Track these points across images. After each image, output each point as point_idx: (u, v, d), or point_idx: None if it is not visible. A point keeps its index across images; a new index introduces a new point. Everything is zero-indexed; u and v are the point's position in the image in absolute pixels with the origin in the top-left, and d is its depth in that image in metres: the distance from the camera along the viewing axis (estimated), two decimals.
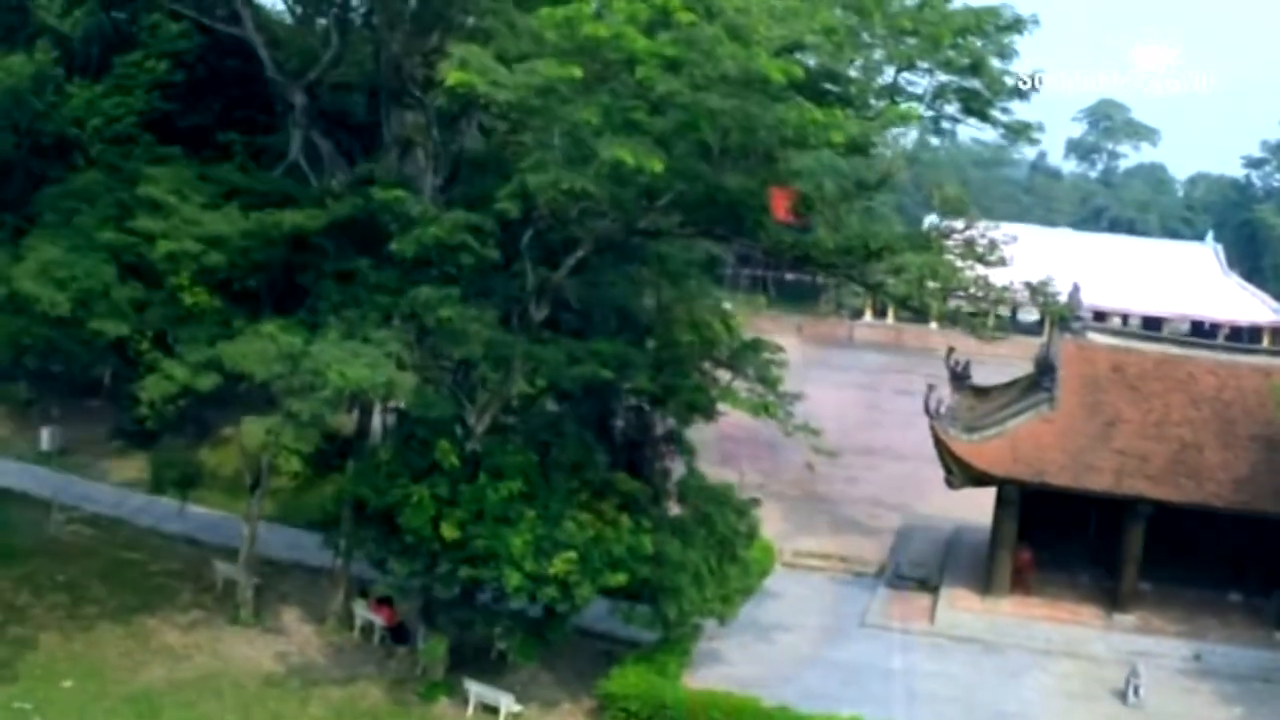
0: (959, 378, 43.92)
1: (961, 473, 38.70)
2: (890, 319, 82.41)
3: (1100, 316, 74.06)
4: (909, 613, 38.97)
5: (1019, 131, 33.29)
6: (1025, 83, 31.59)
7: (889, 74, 30.57)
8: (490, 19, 28.67)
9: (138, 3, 42.79)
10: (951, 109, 32.15)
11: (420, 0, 31.85)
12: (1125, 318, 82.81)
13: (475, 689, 32.62)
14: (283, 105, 40.27)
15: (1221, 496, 37.83)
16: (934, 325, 63.70)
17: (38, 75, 42.36)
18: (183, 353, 32.48)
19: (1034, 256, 46.91)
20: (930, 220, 43.11)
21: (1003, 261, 37.60)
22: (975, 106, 31.92)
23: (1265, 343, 77.72)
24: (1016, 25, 31.53)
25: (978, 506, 41.85)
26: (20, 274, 31.69)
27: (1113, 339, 42.39)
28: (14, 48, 42.50)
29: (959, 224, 37.24)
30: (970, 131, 40.98)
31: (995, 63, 31.59)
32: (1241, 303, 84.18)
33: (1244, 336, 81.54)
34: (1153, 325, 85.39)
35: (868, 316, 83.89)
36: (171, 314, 33.55)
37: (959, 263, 36.26)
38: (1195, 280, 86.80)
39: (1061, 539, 40.65)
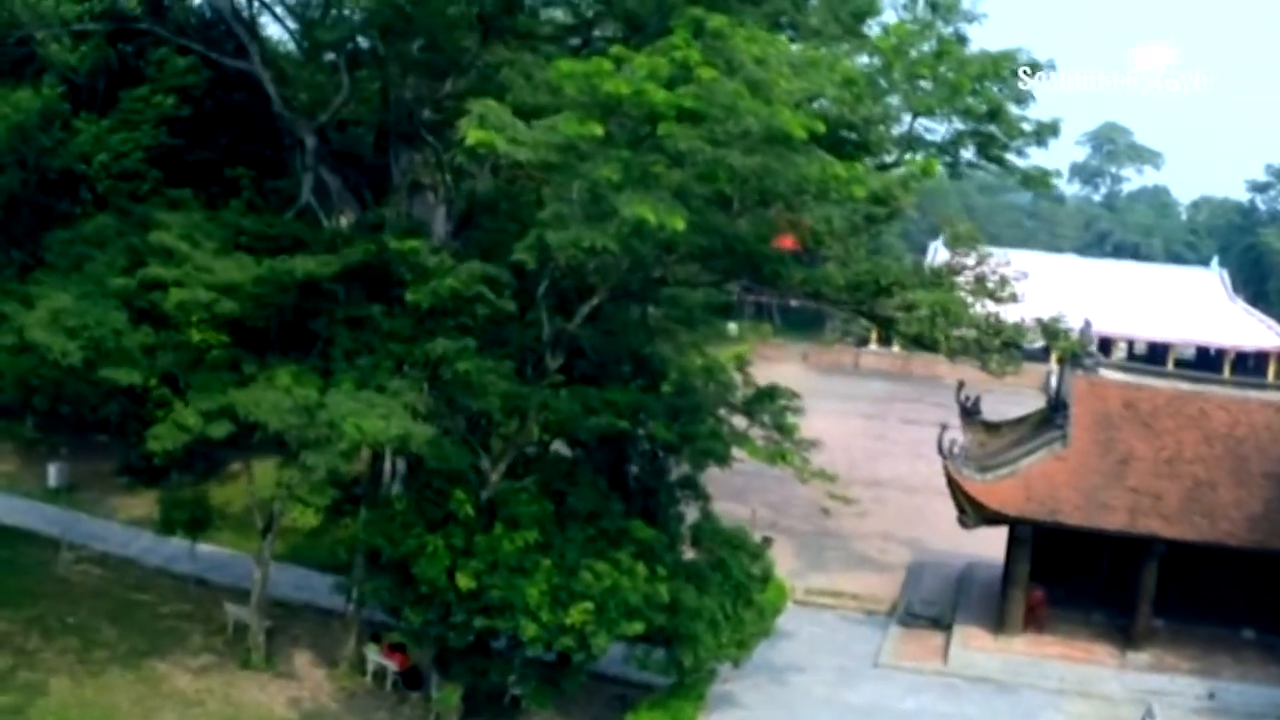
0: (969, 413, 43.78)
1: (975, 512, 38.53)
2: (896, 347, 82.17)
3: (1106, 343, 74.06)
4: (922, 652, 38.80)
5: (1037, 180, 33.19)
6: (1044, 130, 31.49)
7: (906, 120, 30.42)
8: (506, 70, 28.45)
9: (144, 37, 42.69)
10: (968, 154, 31.99)
11: (432, 47, 31.55)
12: (1131, 344, 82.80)
13: None
14: (290, 139, 40.22)
15: (1235, 535, 37.73)
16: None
17: (45, 110, 42.45)
18: (194, 399, 32.34)
19: (1040, 284, 46.86)
20: (937, 245, 43.04)
21: (1014, 298, 37.50)
22: (993, 153, 31.78)
23: (1271, 368, 77.95)
24: (1032, 69, 31.45)
25: (988, 541, 41.66)
26: (31, 322, 31.44)
27: (1124, 375, 42.23)
28: (21, 82, 42.53)
29: (970, 260, 37.17)
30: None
31: (1013, 108, 31.49)
32: (1247, 328, 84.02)
33: (1249, 362, 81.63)
34: (1158, 351, 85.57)
35: (873, 344, 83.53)
36: (182, 358, 33.42)
37: (970, 299, 36.26)
38: (1201, 306, 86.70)
39: (1074, 576, 40.54)
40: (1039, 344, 41.02)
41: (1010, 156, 32.73)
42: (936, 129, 31.13)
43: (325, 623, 38.15)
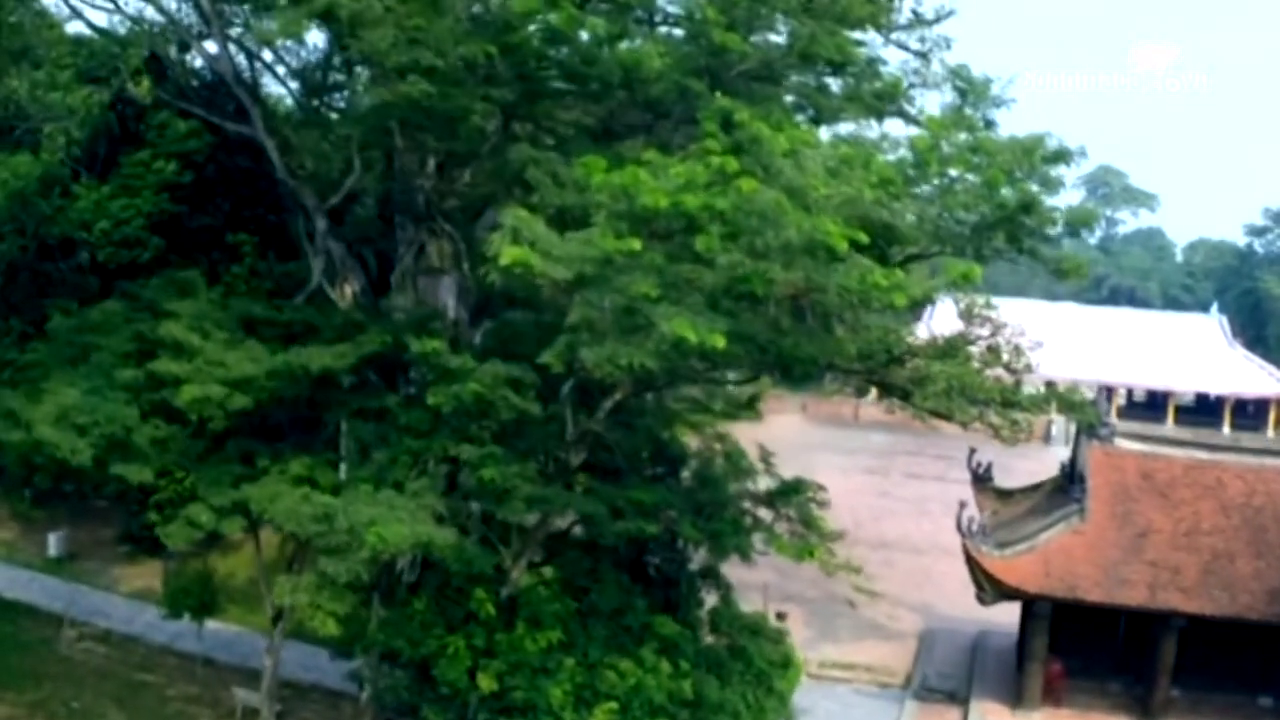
0: (981, 480, 43.47)
1: (993, 589, 38.17)
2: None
3: (1106, 391, 73.85)
4: None
5: (1071, 269, 32.83)
6: (1076, 219, 31.13)
7: (936, 210, 29.94)
8: (532, 169, 27.83)
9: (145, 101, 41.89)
10: (998, 243, 31.55)
11: (450, 136, 30.92)
12: (1130, 391, 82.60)
13: None
14: (293, 205, 39.56)
15: (1255, 609, 37.48)
16: None
17: (44, 177, 41.68)
18: (205, 493, 31.69)
19: (1040, 333, 46.59)
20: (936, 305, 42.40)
21: (1029, 369, 37.11)
22: (1024, 244, 31.37)
23: (1272, 415, 77.90)
24: (1062, 157, 31.04)
25: (1000, 606, 41.13)
26: (39, 419, 30.70)
27: (1140, 445, 41.91)
28: (20, 147, 41.74)
29: (984, 330, 36.73)
30: None
31: (1041, 193, 31.07)
32: (1247, 375, 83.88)
33: (1249, 409, 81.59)
34: (1158, 399, 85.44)
35: (873, 395, 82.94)
36: (192, 450, 32.76)
37: (985, 371, 35.82)
38: (1200, 352, 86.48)
39: (1090, 646, 40.19)
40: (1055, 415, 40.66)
41: (1039, 244, 32.27)
42: (967, 218, 30.52)
43: (335, 704, 37.50)
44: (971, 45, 37.69)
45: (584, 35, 29.74)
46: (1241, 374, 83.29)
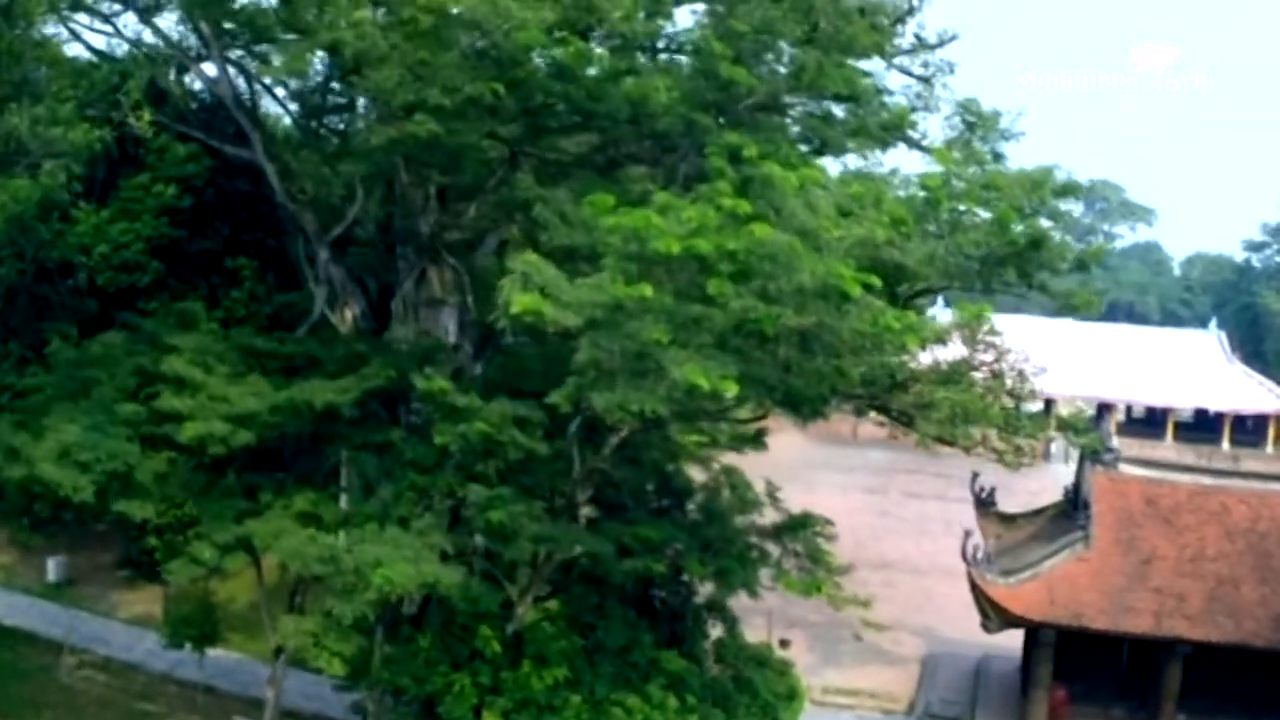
0: (984, 504, 43.35)
1: (998, 617, 38.06)
2: None
3: (1105, 407, 73.84)
4: None
5: (1082, 303, 32.72)
6: (1088, 257, 31.06)
7: (947, 248, 29.77)
8: (540, 207, 27.61)
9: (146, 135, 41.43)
10: (1008, 277, 31.43)
11: (455, 171, 30.70)
12: (1129, 408, 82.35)
13: None
14: (292, 228, 39.31)
15: (1261, 635, 37.36)
16: None
17: (43, 201, 41.25)
18: (208, 529, 31.51)
19: (1039, 349, 46.48)
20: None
21: (1033, 394, 36.97)
22: (1034, 279, 31.26)
23: (1271, 431, 77.76)
24: (1070, 190, 30.94)
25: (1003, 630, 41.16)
26: (41, 456, 30.46)
27: (1144, 470, 41.75)
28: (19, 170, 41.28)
29: (988, 356, 36.59)
30: None
31: (1049, 226, 30.99)
32: (1246, 391, 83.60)
33: (1248, 424, 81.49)
34: (1157, 415, 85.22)
35: (871, 414, 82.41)
36: (194, 484, 32.55)
37: (988, 397, 35.69)
38: (1199, 368, 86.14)
39: (1094, 673, 40.13)
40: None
41: (1049, 279, 32.21)
42: (977, 254, 30.36)
43: None
44: (972, 45, 37.44)
45: (590, 69, 29.60)
46: (1241, 390, 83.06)
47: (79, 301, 42.65)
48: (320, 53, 34.33)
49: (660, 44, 32.81)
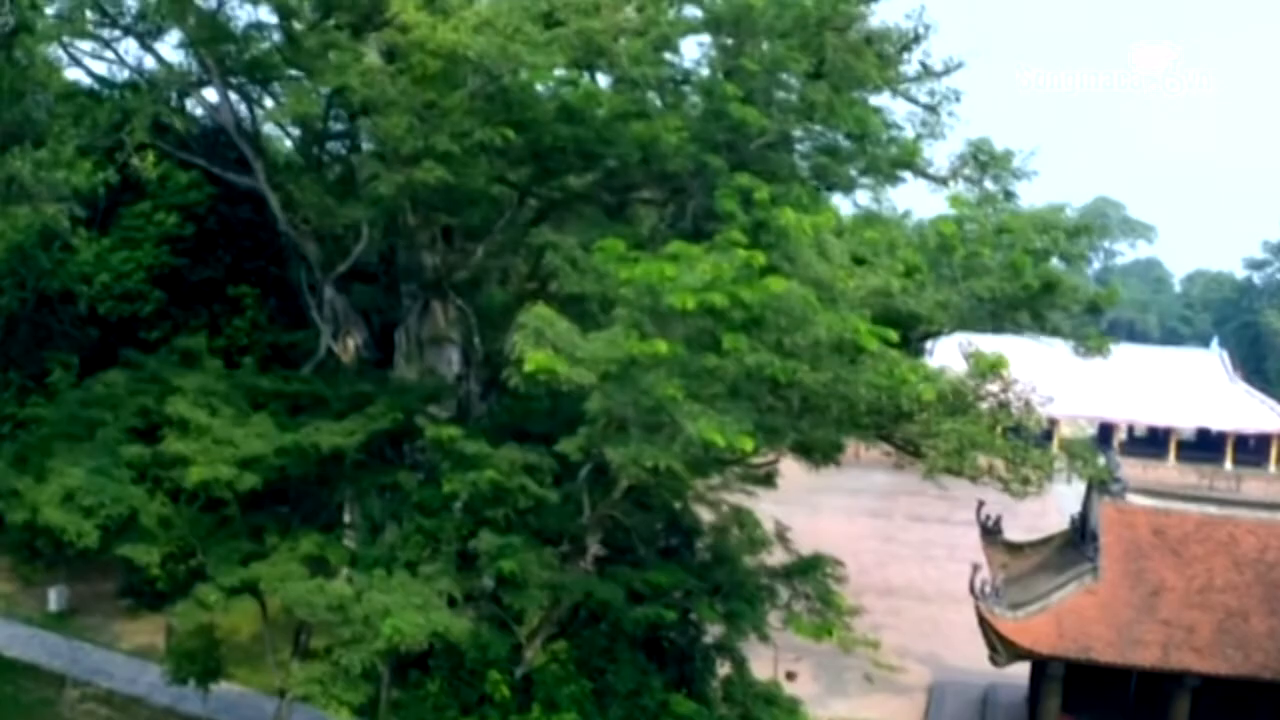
0: (990, 532, 43.12)
1: (1006, 650, 37.84)
2: None
3: (1107, 427, 73.47)
4: None
5: (1094, 345, 32.53)
6: (1100, 300, 30.88)
7: (961, 295, 29.57)
8: (550, 253, 27.34)
9: (145, 149, 41.09)
10: (1021, 320, 31.23)
11: (462, 213, 30.44)
12: (1131, 427, 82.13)
13: None
14: (294, 255, 39.03)
15: (1270, 667, 37.13)
16: None
17: (44, 229, 40.86)
18: (214, 572, 31.23)
19: (1040, 371, 46.32)
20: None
21: (1039, 425, 36.71)
22: (1047, 323, 31.07)
23: (1273, 450, 77.60)
24: (1083, 230, 30.76)
25: None
26: (44, 500, 30.23)
27: (1152, 500, 41.54)
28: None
29: (994, 386, 36.37)
30: None
31: (1060, 267, 30.81)
32: (1249, 410, 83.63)
33: (1250, 444, 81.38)
34: (1159, 435, 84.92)
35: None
36: (199, 527, 32.28)
37: (996, 428, 35.49)
38: (1202, 388, 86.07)
39: (1102, 704, 39.88)
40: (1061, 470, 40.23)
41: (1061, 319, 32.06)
42: (990, 299, 30.17)
43: None
44: (972, 44, 37.09)
45: (599, 109, 29.34)
46: (1243, 409, 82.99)
47: (80, 330, 42.27)
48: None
49: (667, 77, 32.58)
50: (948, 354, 35.80)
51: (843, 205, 33.59)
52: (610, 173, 30.20)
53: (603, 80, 31.41)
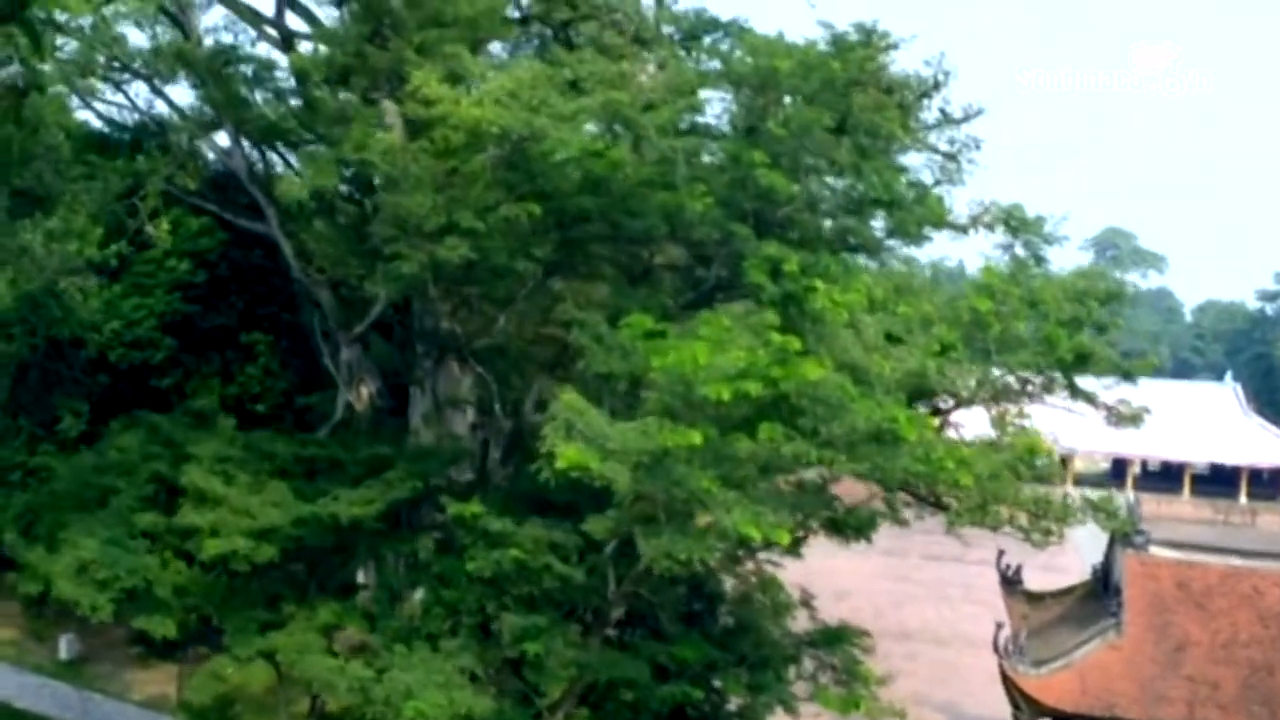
0: (1010, 582, 42.59)
1: (1030, 708, 37.34)
2: None
3: (1120, 462, 72.70)
4: None
5: (1129, 418, 32.06)
6: (1135, 369, 30.47)
7: (996, 370, 29.10)
8: (577, 330, 26.82)
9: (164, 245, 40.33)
10: (1054, 392, 30.79)
11: (485, 284, 29.91)
12: (1145, 463, 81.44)
13: None
14: (307, 302, 38.55)
15: None
16: None
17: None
18: (231, 642, 30.82)
19: (1054, 405, 45.96)
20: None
21: (1060, 475, 36.25)
22: (1080, 394, 30.64)
23: None
24: (1115, 296, 30.32)
25: None
26: (58, 573, 29.83)
27: (1175, 552, 41.04)
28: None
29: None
30: None
31: (1095, 337, 30.36)
32: (1264, 445, 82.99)
33: (1264, 478, 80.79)
34: (1173, 470, 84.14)
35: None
36: (215, 594, 31.81)
37: (1017, 481, 35.10)
38: (1216, 422, 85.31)
39: None
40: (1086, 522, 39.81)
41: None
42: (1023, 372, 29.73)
43: None
44: (972, 45, 36.66)
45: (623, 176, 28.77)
46: (1257, 443, 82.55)
47: (90, 377, 41.62)
48: None
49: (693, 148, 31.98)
50: (976, 420, 35.53)
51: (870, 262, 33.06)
52: (635, 243, 29.64)
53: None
